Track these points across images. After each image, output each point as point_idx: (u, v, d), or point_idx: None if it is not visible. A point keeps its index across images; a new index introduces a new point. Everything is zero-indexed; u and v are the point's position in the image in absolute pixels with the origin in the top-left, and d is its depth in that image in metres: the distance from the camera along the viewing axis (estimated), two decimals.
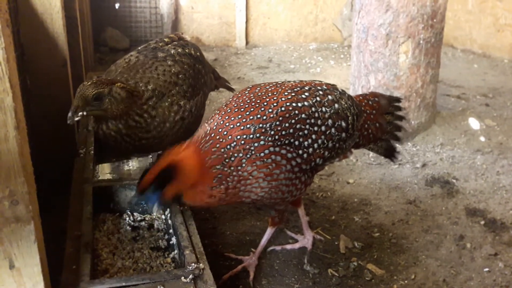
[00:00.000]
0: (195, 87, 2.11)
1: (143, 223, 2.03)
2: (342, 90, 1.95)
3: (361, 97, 2.11)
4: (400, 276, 2.07)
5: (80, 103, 1.79)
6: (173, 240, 1.86)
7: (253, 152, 1.64)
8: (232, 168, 1.64)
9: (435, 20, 3.14)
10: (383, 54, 3.20)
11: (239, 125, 1.66)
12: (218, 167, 1.63)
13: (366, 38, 3.25)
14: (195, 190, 1.64)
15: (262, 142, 1.64)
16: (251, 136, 1.64)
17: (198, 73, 2.18)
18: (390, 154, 2.22)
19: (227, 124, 1.68)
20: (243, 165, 1.64)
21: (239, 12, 6.07)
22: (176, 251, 1.81)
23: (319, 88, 1.85)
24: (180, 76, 2.05)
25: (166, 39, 2.25)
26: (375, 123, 2.07)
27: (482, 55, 5.67)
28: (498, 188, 2.78)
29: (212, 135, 1.66)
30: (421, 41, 3.14)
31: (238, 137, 1.64)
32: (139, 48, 2.20)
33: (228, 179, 1.65)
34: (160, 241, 1.92)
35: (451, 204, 2.63)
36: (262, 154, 1.65)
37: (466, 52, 5.82)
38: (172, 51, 2.13)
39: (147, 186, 1.56)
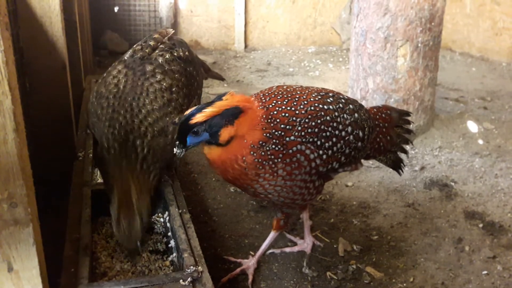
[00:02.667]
0: (189, 95, 2.05)
1: None
2: (361, 104, 2.00)
3: (375, 110, 2.14)
4: (398, 279, 2.07)
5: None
6: (172, 243, 1.86)
7: (286, 147, 1.65)
8: (270, 156, 1.64)
9: (433, 24, 3.15)
10: (382, 57, 3.21)
11: (280, 111, 1.68)
12: (267, 135, 1.63)
13: (364, 41, 3.26)
14: (238, 144, 1.61)
15: (292, 138, 1.66)
16: (288, 126, 1.66)
17: (190, 77, 2.11)
18: (397, 166, 2.25)
19: (270, 103, 1.69)
20: (279, 159, 1.65)
21: (238, 15, 6.08)
22: (174, 254, 1.81)
23: (341, 96, 1.90)
24: (173, 89, 1.94)
25: (151, 42, 2.09)
26: (386, 136, 2.10)
27: (480, 58, 5.69)
28: (496, 191, 2.79)
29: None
30: (419, 44, 3.15)
31: (280, 125, 1.65)
32: (126, 57, 2.04)
33: (262, 161, 1.64)
34: (158, 244, 1.92)
35: (449, 207, 2.63)
36: (291, 151, 1.66)
37: (464, 55, 5.84)
38: (160, 60, 1.99)
39: (205, 119, 1.53)
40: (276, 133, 1.64)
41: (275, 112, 1.67)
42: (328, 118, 1.76)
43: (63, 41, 2.29)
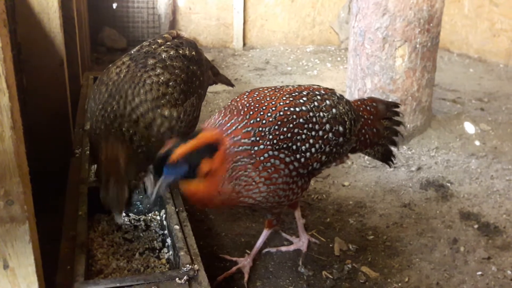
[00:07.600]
0: (187, 92, 2.06)
1: (138, 223, 2.03)
2: (340, 95, 1.96)
3: (359, 102, 2.11)
4: (394, 279, 2.08)
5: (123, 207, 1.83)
6: (168, 241, 1.86)
7: (254, 156, 1.66)
8: (240, 172, 1.66)
9: (431, 25, 3.16)
10: (380, 58, 3.21)
11: (241, 127, 1.68)
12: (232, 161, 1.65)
13: (363, 41, 3.27)
14: (213, 179, 1.63)
15: (262, 146, 1.66)
16: (252, 139, 1.66)
17: (192, 75, 2.12)
18: (386, 158, 2.22)
19: (228, 124, 1.69)
20: (248, 170, 1.67)
21: (237, 13, 6.07)
22: (171, 252, 1.82)
23: (317, 93, 1.86)
24: (170, 83, 1.97)
25: (160, 40, 2.16)
26: (372, 128, 2.07)
27: (478, 59, 5.70)
28: (492, 192, 2.80)
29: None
30: (418, 45, 3.15)
31: (243, 140, 1.66)
32: (133, 51, 2.12)
33: (236, 181, 1.67)
34: (155, 242, 1.92)
35: (445, 208, 2.64)
36: (262, 158, 1.66)
37: (462, 56, 5.85)
38: (164, 55, 2.04)
39: (183, 154, 1.53)
40: (239, 162, 1.65)
41: (235, 131, 1.67)
42: (301, 120, 1.74)
43: (61, 37, 2.29)
